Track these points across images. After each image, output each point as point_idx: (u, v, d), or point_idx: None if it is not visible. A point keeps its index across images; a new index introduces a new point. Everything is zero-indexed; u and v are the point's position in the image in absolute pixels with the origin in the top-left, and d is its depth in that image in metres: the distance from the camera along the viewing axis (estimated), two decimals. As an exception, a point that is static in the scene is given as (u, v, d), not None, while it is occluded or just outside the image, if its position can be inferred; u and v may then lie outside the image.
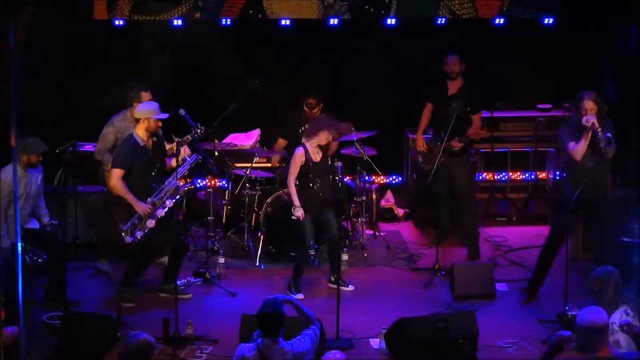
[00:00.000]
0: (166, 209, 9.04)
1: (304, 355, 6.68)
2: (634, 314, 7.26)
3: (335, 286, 9.26)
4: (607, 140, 8.78)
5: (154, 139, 9.18)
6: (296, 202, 9.40)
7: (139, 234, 8.99)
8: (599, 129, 8.76)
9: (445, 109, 10.10)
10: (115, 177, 9.03)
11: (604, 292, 7.35)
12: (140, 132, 9.10)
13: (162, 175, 9.22)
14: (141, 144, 9.09)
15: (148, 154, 9.13)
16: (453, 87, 10.33)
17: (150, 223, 9.00)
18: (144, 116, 9.08)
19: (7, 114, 5.22)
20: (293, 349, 6.64)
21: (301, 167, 9.48)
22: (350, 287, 9.69)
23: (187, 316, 8.67)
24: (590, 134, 8.82)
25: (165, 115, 9.11)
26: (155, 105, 9.14)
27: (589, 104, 8.83)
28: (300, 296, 9.37)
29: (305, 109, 10.69)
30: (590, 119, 8.78)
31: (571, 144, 8.97)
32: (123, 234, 9.01)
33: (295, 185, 9.56)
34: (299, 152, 9.50)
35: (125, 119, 9.77)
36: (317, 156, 9.56)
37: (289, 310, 6.94)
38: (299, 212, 9.39)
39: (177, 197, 9.11)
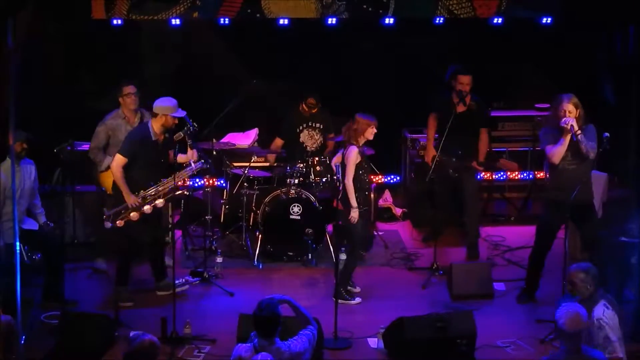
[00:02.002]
0: (154, 207, 9.05)
1: (301, 355, 6.67)
2: (612, 307, 7.25)
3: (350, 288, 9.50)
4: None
5: (166, 135, 9.18)
6: (354, 203, 9.14)
7: (119, 223, 9.01)
8: (578, 132, 8.73)
9: (452, 122, 10.02)
10: (117, 164, 9.04)
11: (586, 286, 7.26)
12: (156, 127, 9.09)
13: (163, 171, 9.22)
14: (153, 138, 9.10)
15: (156, 149, 9.13)
16: (460, 101, 10.28)
17: (134, 216, 9.01)
18: (162, 112, 9.07)
19: (5, 114, 5.22)
20: (290, 349, 6.64)
21: (357, 165, 9.23)
22: (357, 289, 9.67)
23: (185, 316, 8.66)
24: (569, 137, 8.79)
25: (183, 113, 9.10)
26: (174, 102, 9.11)
27: (568, 107, 8.77)
28: (358, 300, 9.43)
29: (305, 108, 10.72)
30: (569, 121, 8.72)
31: (549, 147, 8.94)
32: (104, 217, 9.04)
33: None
34: (355, 151, 9.19)
35: (117, 117, 9.79)
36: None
37: (287, 310, 6.93)
38: (355, 214, 9.15)
39: (169, 198, 9.13)
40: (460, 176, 10.37)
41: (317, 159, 10.56)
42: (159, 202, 9.08)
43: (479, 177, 11.31)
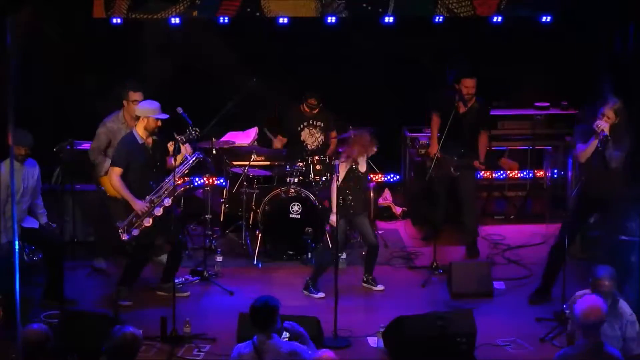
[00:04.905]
0: (163, 208, 9.03)
1: (299, 355, 6.67)
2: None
3: (369, 286, 9.65)
4: (605, 138, 8.72)
5: (154, 137, 9.17)
6: (334, 208, 9.28)
7: (135, 232, 9.00)
8: (607, 137, 8.67)
9: (452, 121, 10.04)
10: (114, 176, 9.02)
11: (612, 290, 7.31)
12: (140, 130, 9.09)
13: (161, 174, 9.21)
14: (140, 142, 9.08)
15: (147, 152, 9.12)
16: (462, 102, 10.29)
17: (147, 221, 8.99)
18: (143, 114, 9.06)
19: (4, 113, 5.21)
20: (291, 347, 6.64)
21: (347, 172, 9.37)
22: (380, 287, 9.70)
23: (185, 315, 8.66)
24: (597, 140, 8.74)
25: (165, 116, 9.09)
26: (156, 104, 9.11)
27: (608, 112, 8.70)
28: (321, 294, 9.42)
29: (306, 109, 10.72)
30: (600, 125, 8.67)
31: (579, 146, 8.91)
32: (120, 231, 9.01)
33: None
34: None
35: (117, 120, 9.75)
36: (363, 166, 9.50)
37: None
38: (333, 218, 9.28)
39: (175, 195, 9.10)
40: (460, 174, 10.38)
41: (317, 158, 10.57)
42: (167, 201, 9.06)
43: (478, 175, 11.33)
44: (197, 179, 11.14)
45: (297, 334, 6.92)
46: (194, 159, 9.28)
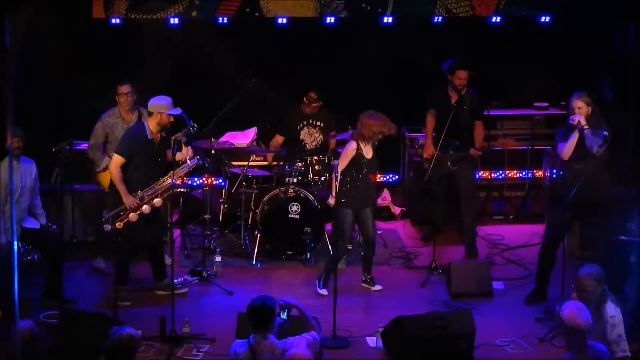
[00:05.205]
0: (152, 206, 9.03)
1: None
2: (615, 304, 7.34)
3: (367, 286, 9.63)
4: (604, 138, 8.76)
5: (163, 133, 9.17)
6: (333, 191, 9.32)
7: (118, 225, 9.00)
8: (585, 127, 8.77)
9: (451, 117, 10.05)
10: (114, 164, 9.04)
11: (596, 291, 7.31)
12: (152, 125, 9.10)
13: (160, 170, 9.21)
14: (149, 136, 9.09)
15: (153, 147, 9.13)
16: (455, 94, 10.32)
17: (133, 217, 9.00)
18: (156, 110, 9.07)
19: (3, 113, 5.22)
20: (284, 345, 6.65)
21: (351, 160, 9.40)
22: (378, 287, 9.69)
23: (184, 315, 8.66)
24: (577, 133, 8.83)
25: (178, 111, 9.09)
26: (168, 99, 9.12)
27: (577, 103, 8.88)
28: (324, 292, 9.44)
29: (305, 101, 10.72)
30: (576, 118, 8.81)
31: (560, 144, 9.00)
32: (103, 220, 9.03)
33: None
34: (352, 146, 9.38)
35: (113, 115, 9.81)
36: (369, 153, 9.50)
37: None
38: (332, 200, 9.35)
39: (166, 197, 9.11)
40: (458, 170, 10.35)
41: (315, 158, 10.57)
42: (157, 201, 9.07)
43: (477, 175, 11.33)
44: (196, 179, 11.13)
45: (292, 307, 6.92)
46: (193, 164, 9.27)
